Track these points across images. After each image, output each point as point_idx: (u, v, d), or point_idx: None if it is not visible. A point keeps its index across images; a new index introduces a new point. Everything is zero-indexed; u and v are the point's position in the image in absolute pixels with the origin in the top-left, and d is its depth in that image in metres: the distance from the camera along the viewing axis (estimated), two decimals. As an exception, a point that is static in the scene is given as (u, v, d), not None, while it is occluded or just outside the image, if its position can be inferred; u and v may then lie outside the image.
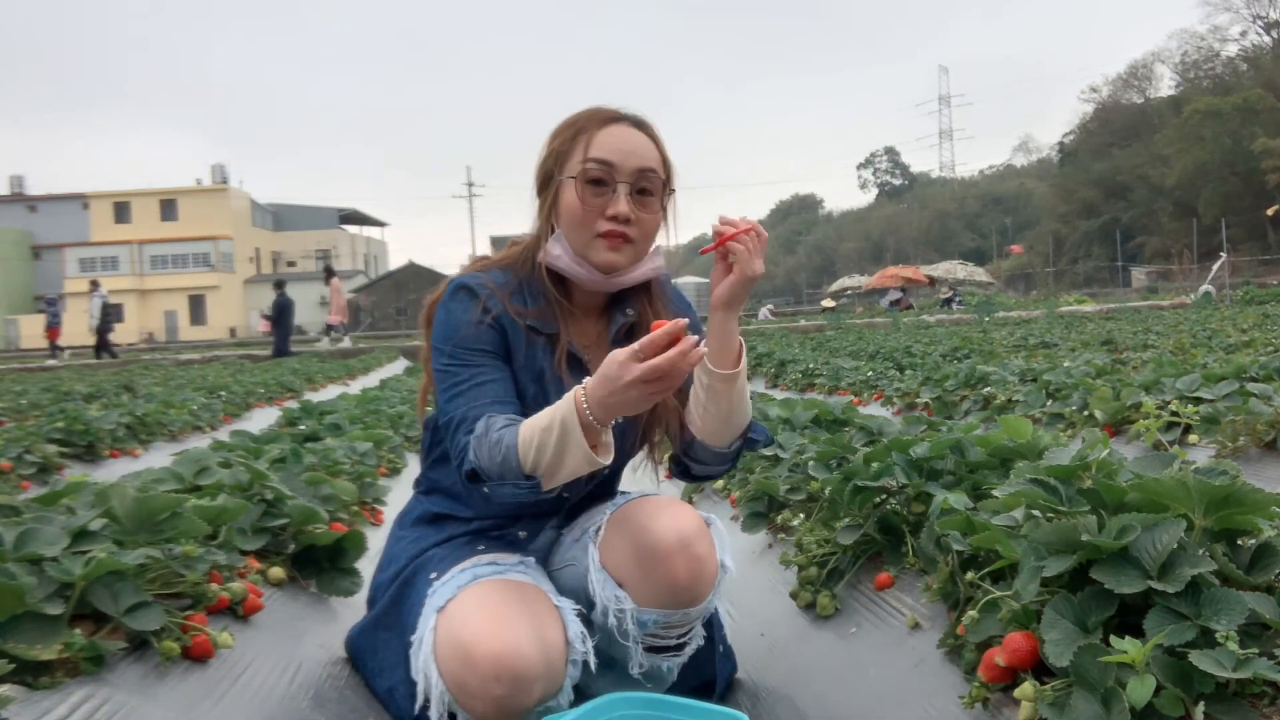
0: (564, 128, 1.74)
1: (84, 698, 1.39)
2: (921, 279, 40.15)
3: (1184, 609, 1.25)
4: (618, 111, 1.74)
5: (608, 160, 1.68)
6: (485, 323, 1.69)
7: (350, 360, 16.71)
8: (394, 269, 57.87)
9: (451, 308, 1.72)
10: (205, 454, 2.65)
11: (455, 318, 1.70)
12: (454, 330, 1.69)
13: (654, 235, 1.76)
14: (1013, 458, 2.12)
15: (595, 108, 1.75)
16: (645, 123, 1.75)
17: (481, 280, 1.73)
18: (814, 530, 2.32)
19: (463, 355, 1.68)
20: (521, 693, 1.47)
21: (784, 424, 3.55)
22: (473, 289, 1.72)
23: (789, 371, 8.52)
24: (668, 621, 1.66)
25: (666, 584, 1.61)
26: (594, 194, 1.68)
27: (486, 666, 1.45)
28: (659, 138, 1.76)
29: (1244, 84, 44.95)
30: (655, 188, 1.72)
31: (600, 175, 1.68)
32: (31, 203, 61.68)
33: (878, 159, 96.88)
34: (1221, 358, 5.78)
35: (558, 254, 1.72)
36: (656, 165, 1.72)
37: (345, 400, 6.58)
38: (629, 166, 1.68)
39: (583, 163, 1.68)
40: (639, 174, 1.69)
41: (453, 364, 1.68)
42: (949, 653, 1.63)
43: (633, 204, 1.69)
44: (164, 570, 1.75)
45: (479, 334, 1.69)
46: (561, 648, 1.55)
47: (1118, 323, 14.23)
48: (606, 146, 1.69)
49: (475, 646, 1.47)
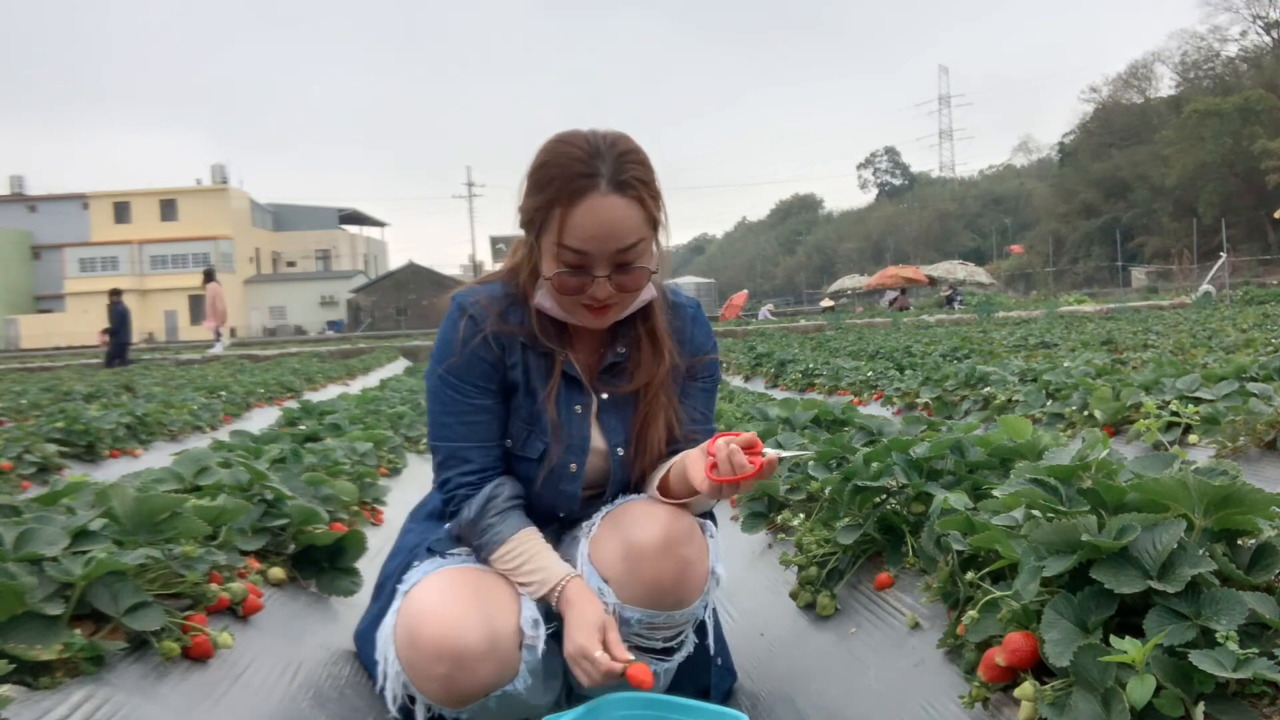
0: (535, 187, 1.60)
1: (84, 698, 1.39)
2: (921, 279, 40.12)
3: (1184, 609, 1.25)
4: (592, 173, 1.55)
5: (582, 250, 1.57)
6: (480, 352, 1.69)
7: (350, 360, 16.71)
8: (394, 269, 57.85)
9: (449, 335, 1.71)
10: (205, 454, 2.65)
11: (451, 344, 1.70)
12: (448, 355, 1.70)
13: (642, 288, 1.68)
14: (1013, 458, 2.12)
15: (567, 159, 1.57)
16: (626, 180, 1.57)
17: (479, 300, 1.72)
18: (814, 530, 2.32)
19: (454, 383, 1.70)
20: (463, 673, 1.52)
21: (784, 424, 3.55)
22: (472, 314, 1.70)
23: (789, 371, 8.52)
24: (652, 622, 1.66)
25: (650, 583, 1.62)
26: (571, 277, 1.60)
27: (429, 646, 1.52)
28: (642, 192, 1.60)
29: (1244, 84, 44.95)
30: (640, 252, 1.62)
31: (576, 263, 1.59)
32: (31, 203, 61.67)
33: (878, 159, 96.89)
34: (1221, 358, 5.78)
35: (549, 307, 1.69)
36: (638, 234, 1.60)
37: (345, 400, 6.58)
38: (606, 251, 1.58)
39: (556, 245, 1.58)
40: (617, 255, 1.59)
41: (445, 390, 1.70)
42: (949, 653, 1.63)
43: (615, 280, 1.61)
44: (164, 570, 1.75)
45: (472, 364, 1.69)
46: (512, 632, 1.58)
47: (1118, 323, 14.23)
48: (581, 232, 1.56)
49: (421, 628, 1.54)
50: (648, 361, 1.76)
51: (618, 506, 1.74)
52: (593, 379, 1.77)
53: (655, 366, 1.76)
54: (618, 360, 1.77)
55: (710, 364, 1.86)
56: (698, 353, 1.84)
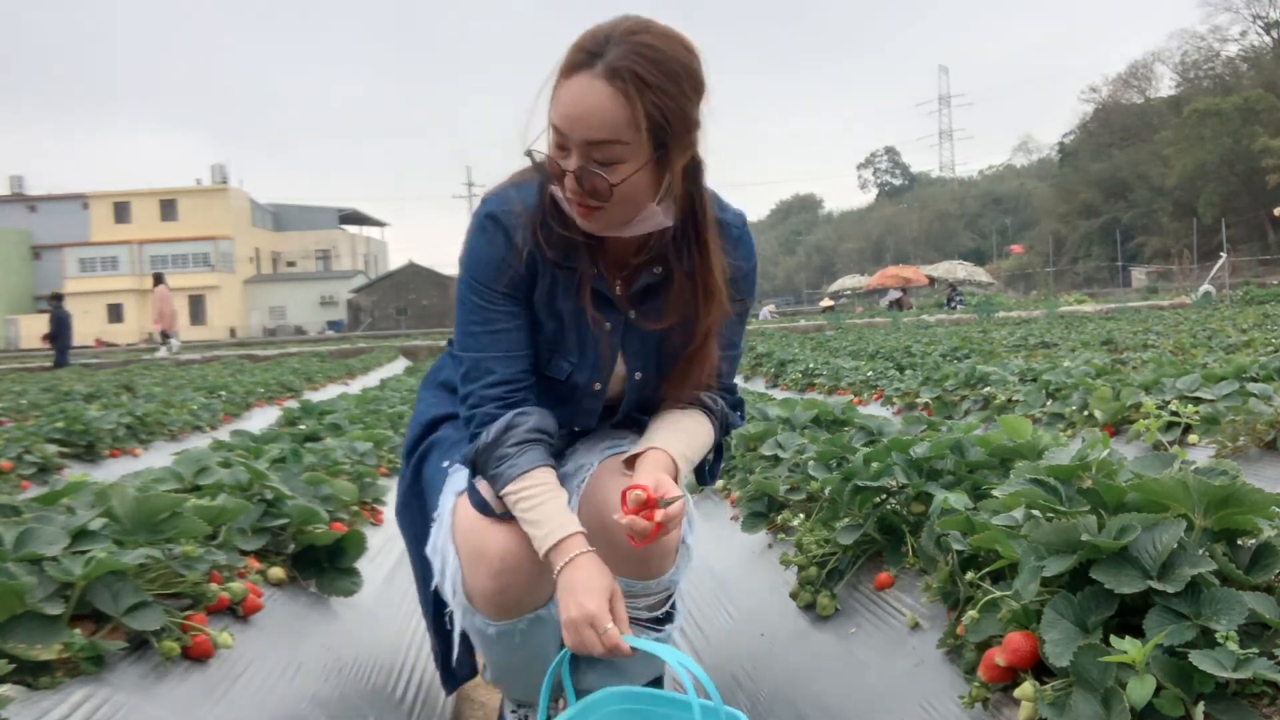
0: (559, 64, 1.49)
1: (84, 698, 1.39)
2: (921, 279, 40.16)
3: (1184, 609, 1.25)
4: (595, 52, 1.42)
5: (559, 128, 1.45)
6: (509, 261, 1.59)
7: (350, 360, 16.71)
8: (394, 269, 57.83)
9: (478, 241, 1.62)
10: (205, 454, 2.65)
11: (480, 253, 1.61)
12: (477, 265, 1.61)
13: (635, 201, 1.51)
14: (1013, 458, 2.12)
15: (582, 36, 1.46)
16: (621, 70, 1.41)
17: (512, 208, 1.59)
18: (814, 530, 2.32)
19: (482, 291, 1.61)
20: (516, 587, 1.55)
21: (784, 424, 3.55)
22: (502, 221, 1.59)
23: (789, 371, 8.52)
24: (630, 590, 1.64)
25: (629, 553, 1.58)
26: (558, 158, 1.48)
27: (493, 560, 1.53)
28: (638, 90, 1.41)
29: (1244, 84, 44.94)
30: (619, 154, 1.44)
31: (558, 143, 1.48)
32: (31, 203, 61.65)
33: (878, 159, 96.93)
34: (1221, 358, 5.78)
35: (561, 197, 1.54)
36: (617, 132, 1.42)
37: (345, 400, 6.58)
38: (576, 136, 1.44)
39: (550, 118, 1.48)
40: (588, 147, 1.43)
41: (471, 297, 1.62)
42: (949, 653, 1.63)
43: (584, 178, 1.45)
44: (164, 570, 1.75)
45: (500, 274, 1.60)
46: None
47: (1118, 323, 14.23)
48: (560, 108, 1.45)
49: (487, 542, 1.54)
50: (683, 297, 1.63)
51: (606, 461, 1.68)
52: (625, 294, 1.65)
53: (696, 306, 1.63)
54: (653, 283, 1.64)
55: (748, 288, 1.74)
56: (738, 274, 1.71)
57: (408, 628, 2.51)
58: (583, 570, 1.47)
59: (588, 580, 1.46)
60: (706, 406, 1.74)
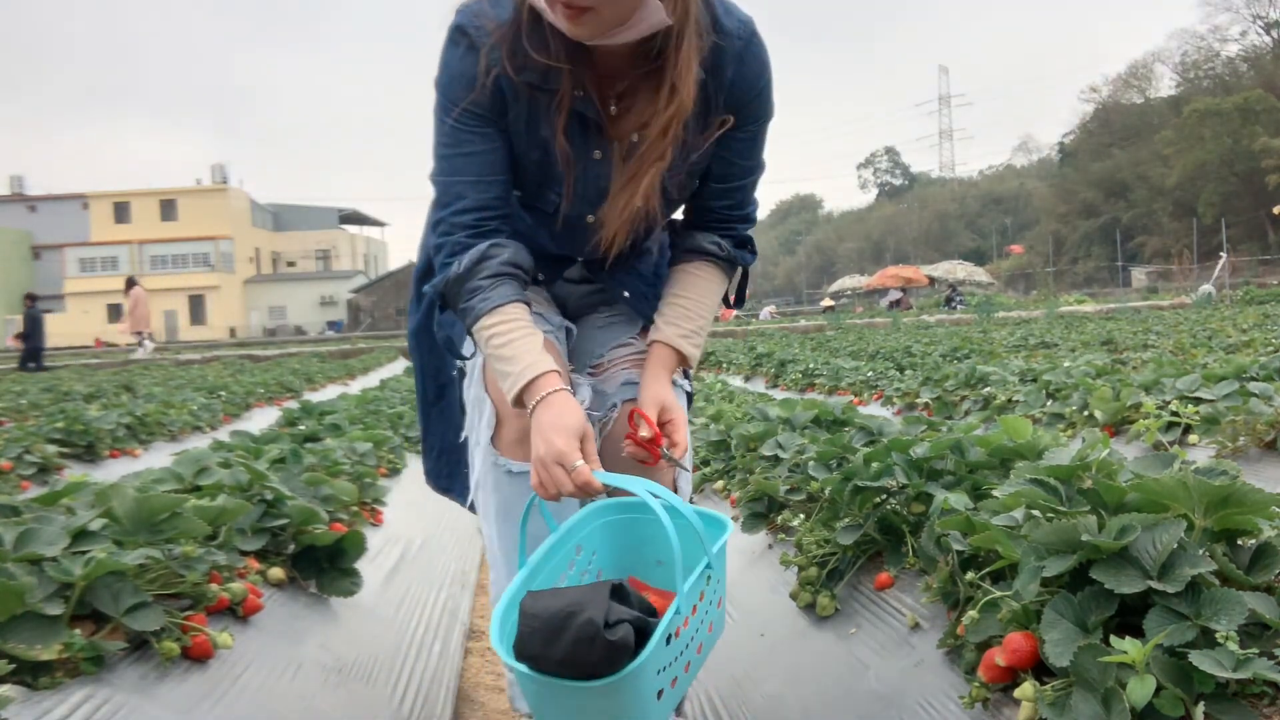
0: None
1: (84, 698, 1.39)
2: (921, 279, 40.17)
3: (1184, 609, 1.25)
4: None
5: None
6: (481, 82, 1.45)
7: (350, 360, 16.71)
8: (394, 269, 57.79)
9: (448, 56, 1.49)
10: (205, 454, 2.65)
11: (449, 68, 1.49)
12: (445, 81, 1.50)
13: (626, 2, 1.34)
14: (1013, 458, 2.12)
15: None
16: None
17: (483, 23, 1.45)
18: (814, 530, 2.32)
19: (450, 110, 1.49)
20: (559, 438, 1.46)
21: (784, 424, 3.55)
22: (471, 35, 1.46)
23: (789, 371, 8.52)
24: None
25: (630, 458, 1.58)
26: None
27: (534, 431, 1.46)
28: None
29: (1244, 84, 44.94)
30: None
31: None
32: (31, 203, 61.68)
33: (878, 159, 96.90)
34: (1221, 358, 5.78)
35: (543, 7, 1.39)
36: None
37: (345, 400, 6.58)
38: None
39: None
40: None
41: (443, 116, 1.51)
42: (949, 653, 1.63)
43: None
44: (164, 571, 1.75)
45: (467, 92, 1.47)
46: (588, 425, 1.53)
47: (1118, 323, 14.23)
48: None
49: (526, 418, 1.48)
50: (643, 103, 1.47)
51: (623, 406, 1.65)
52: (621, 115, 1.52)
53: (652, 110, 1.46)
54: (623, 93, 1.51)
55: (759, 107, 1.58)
56: (744, 95, 1.54)
57: (408, 628, 2.52)
58: (553, 409, 1.41)
59: (557, 418, 1.39)
60: (710, 254, 1.69)
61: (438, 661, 2.39)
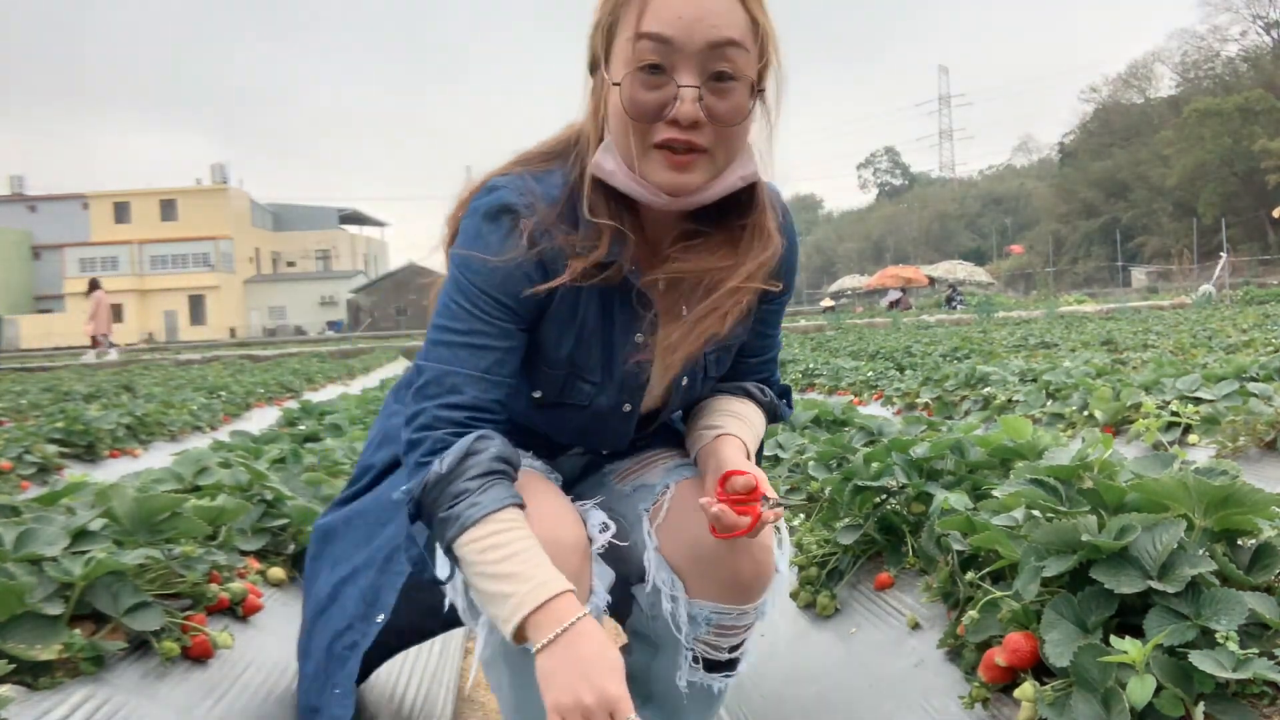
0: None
1: (84, 698, 1.39)
2: (921, 279, 40.19)
3: (1184, 609, 1.25)
4: None
5: (664, 35, 1.20)
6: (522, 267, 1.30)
7: (350, 360, 16.71)
8: (394, 269, 57.87)
9: (489, 235, 1.31)
10: (205, 454, 2.65)
11: (487, 249, 1.31)
12: (479, 264, 1.31)
13: (742, 137, 1.28)
14: (1013, 458, 2.12)
15: None
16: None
17: (530, 201, 1.31)
18: (814, 530, 2.32)
19: (476, 296, 1.31)
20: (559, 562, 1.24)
21: (784, 424, 3.55)
22: (520, 214, 1.31)
23: (789, 371, 8.52)
24: (721, 620, 1.44)
25: (730, 579, 1.40)
26: (647, 86, 1.22)
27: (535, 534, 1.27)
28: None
29: (1244, 84, 44.96)
30: (741, 67, 1.22)
31: (655, 59, 1.21)
32: (31, 203, 61.74)
33: (878, 159, 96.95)
34: (1221, 358, 5.78)
35: (610, 170, 1.28)
36: (740, 33, 1.22)
37: (345, 400, 6.58)
38: (696, 41, 1.20)
39: (632, 40, 1.22)
40: (711, 50, 1.20)
41: (458, 299, 1.32)
42: (949, 653, 1.63)
43: (705, 98, 1.22)
44: (164, 570, 1.75)
45: (507, 281, 1.30)
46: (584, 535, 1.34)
47: (1118, 323, 14.23)
48: (665, 12, 1.20)
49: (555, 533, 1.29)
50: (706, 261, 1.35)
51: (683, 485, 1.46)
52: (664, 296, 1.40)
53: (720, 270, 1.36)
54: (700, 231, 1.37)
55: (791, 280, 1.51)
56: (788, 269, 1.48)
57: (408, 628, 2.51)
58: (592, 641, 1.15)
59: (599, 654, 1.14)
60: (754, 395, 1.54)
61: (438, 661, 2.39)
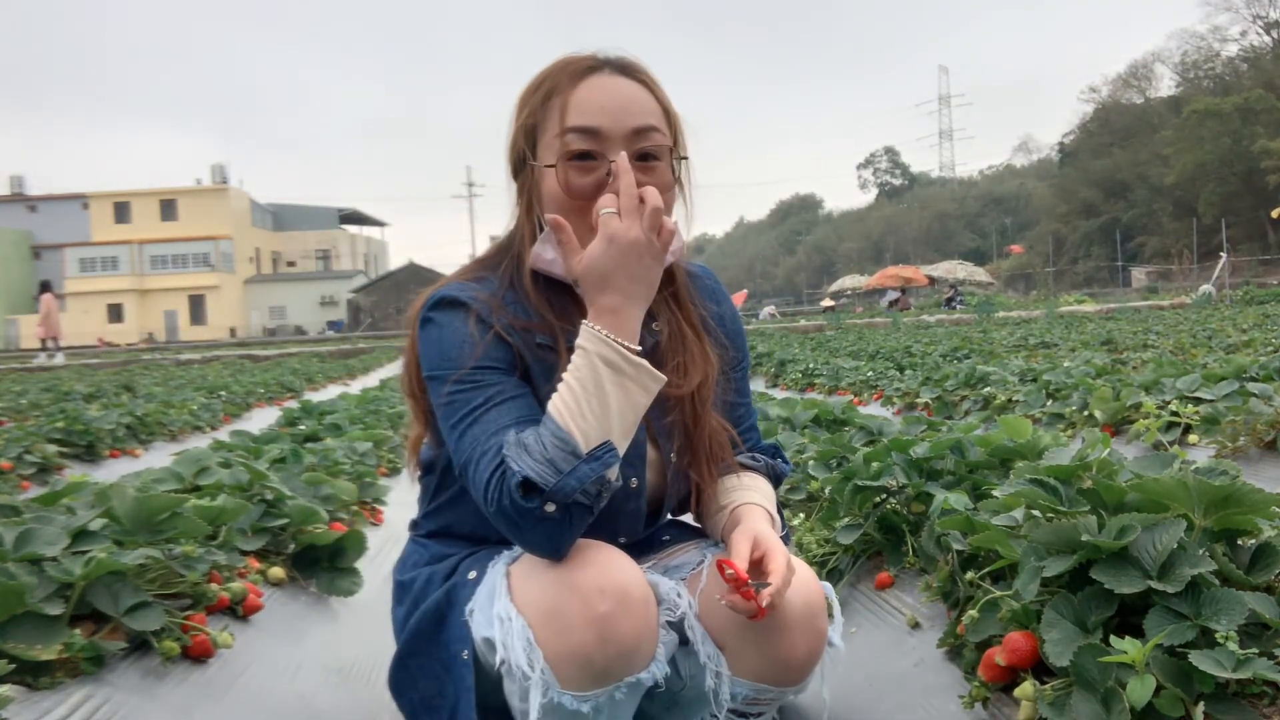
0: (530, 91, 1.39)
1: (84, 698, 1.39)
2: (921, 279, 40.18)
3: (1184, 609, 1.25)
4: (595, 57, 1.38)
5: (591, 126, 1.33)
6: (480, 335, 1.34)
7: (350, 360, 16.72)
8: (394, 269, 57.86)
9: (443, 326, 1.35)
10: (205, 454, 2.65)
11: (452, 336, 1.34)
12: (453, 350, 1.33)
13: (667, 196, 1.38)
14: (1013, 458, 2.12)
15: (565, 58, 1.39)
16: (634, 66, 1.39)
17: (472, 293, 1.37)
18: (814, 530, 2.32)
19: (471, 376, 1.32)
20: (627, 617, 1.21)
21: (784, 424, 3.55)
22: (469, 305, 1.36)
23: (789, 371, 8.52)
24: (757, 697, 1.40)
25: (779, 659, 1.35)
26: (581, 172, 1.33)
27: (589, 580, 1.22)
28: (655, 82, 1.40)
29: (1244, 84, 44.95)
30: (660, 149, 1.36)
31: (586, 147, 1.33)
32: (31, 203, 61.70)
33: (878, 159, 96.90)
34: (1221, 358, 5.78)
35: (550, 258, 1.36)
36: (657, 119, 1.37)
37: (345, 400, 6.58)
38: (621, 128, 1.33)
39: (560, 135, 1.33)
40: (635, 135, 1.34)
41: (460, 390, 1.32)
42: (949, 652, 1.63)
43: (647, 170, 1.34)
44: (164, 570, 1.75)
45: (485, 349, 1.33)
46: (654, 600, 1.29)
47: (1118, 323, 14.23)
48: (589, 106, 1.33)
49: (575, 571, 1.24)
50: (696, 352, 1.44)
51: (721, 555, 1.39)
52: None
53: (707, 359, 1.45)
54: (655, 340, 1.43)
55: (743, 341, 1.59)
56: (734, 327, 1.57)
57: (408, 628, 2.51)
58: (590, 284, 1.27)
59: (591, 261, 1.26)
60: (750, 468, 1.53)
61: None
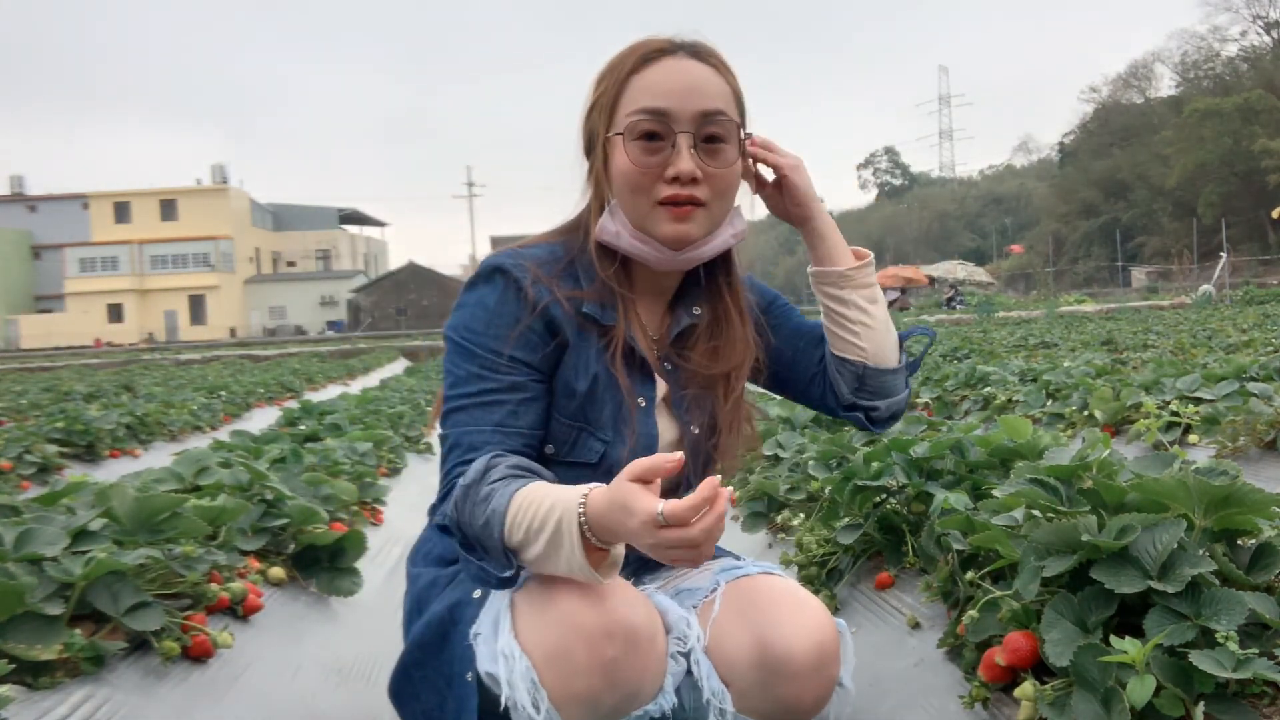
0: (607, 72, 1.43)
1: (84, 698, 1.39)
2: (921, 279, 40.17)
3: (1184, 609, 1.25)
4: (670, 41, 1.41)
5: (660, 108, 1.36)
6: (525, 321, 1.37)
7: (350, 360, 16.72)
8: (394, 269, 57.87)
9: (484, 295, 1.39)
10: (205, 454, 2.65)
11: (487, 310, 1.38)
12: (482, 325, 1.37)
13: (733, 192, 1.44)
14: (1013, 458, 2.12)
15: (641, 40, 1.43)
16: (706, 50, 1.42)
17: (523, 262, 1.40)
18: (814, 530, 2.32)
19: (479, 356, 1.36)
20: (633, 657, 1.21)
21: (784, 423, 3.55)
22: (512, 273, 1.38)
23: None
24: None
25: (785, 704, 1.33)
26: (648, 151, 1.37)
27: (595, 623, 1.20)
28: (727, 67, 1.43)
29: (1244, 84, 44.94)
30: (727, 132, 1.39)
31: (653, 127, 1.36)
32: (31, 203, 61.69)
33: (878, 159, 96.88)
34: (1221, 358, 5.78)
35: (615, 231, 1.41)
36: (725, 104, 1.40)
37: (345, 400, 6.58)
38: (688, 110, 1.36)
39: (630, 114, 1.37)
40: (702, 118, 1.37)
41: (462, 363, 1.37)
42: (949, 652, 1.63)
43: (699, 157, 1.37)
44: (164, 570, 1.75)
45: (507, 333, 1.37)
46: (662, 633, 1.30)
47: (1118, 323, 14.23)
48: (658, 88, 1.37)
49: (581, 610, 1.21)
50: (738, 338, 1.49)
51: (739, 583, 1.41)
52: (659, 354, 1.48)
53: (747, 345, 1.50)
54: (693, 322, 1.49)
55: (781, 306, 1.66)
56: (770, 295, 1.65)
57: (408, 628, 2.51)
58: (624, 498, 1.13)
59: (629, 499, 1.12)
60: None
61: None
